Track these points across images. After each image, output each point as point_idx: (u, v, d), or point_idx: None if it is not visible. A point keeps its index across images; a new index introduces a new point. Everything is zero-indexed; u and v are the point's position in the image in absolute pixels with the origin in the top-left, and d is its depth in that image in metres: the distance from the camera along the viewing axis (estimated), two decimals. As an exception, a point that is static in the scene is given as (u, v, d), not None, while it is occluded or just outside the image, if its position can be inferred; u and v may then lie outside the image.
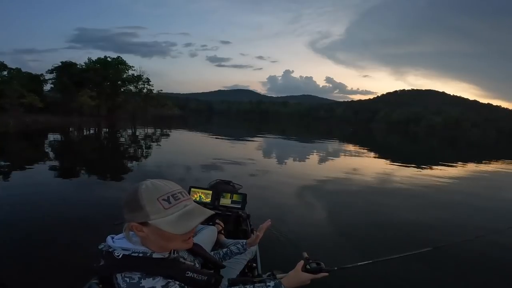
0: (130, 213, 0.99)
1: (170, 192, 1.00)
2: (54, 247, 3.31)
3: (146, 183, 1.01)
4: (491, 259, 3.73)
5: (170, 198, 0.99)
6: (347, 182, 8.40)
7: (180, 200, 1.01)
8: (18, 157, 10.05)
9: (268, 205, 5.40)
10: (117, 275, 0.99)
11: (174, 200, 1.00)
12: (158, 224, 0.96)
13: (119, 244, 1.02)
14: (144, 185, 1.00)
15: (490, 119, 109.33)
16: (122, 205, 1.01)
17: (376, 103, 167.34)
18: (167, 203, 0.98)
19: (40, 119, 25.49)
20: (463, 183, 9.69)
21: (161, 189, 1.00)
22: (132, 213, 0.99)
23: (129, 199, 1.00)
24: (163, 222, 0.96)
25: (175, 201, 0.99)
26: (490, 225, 5.18)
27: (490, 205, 6.76)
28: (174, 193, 1.01)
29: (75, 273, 2.19)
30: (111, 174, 8.16)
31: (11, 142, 15.06)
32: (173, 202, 0.99)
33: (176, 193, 1.02)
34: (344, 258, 3.52)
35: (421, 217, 5.41)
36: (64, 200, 5.25)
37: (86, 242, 1.21)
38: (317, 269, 1.33)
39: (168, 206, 0.98)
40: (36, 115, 27.08)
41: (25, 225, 3.94)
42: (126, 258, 0.99)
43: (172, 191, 1.01)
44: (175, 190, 1.02)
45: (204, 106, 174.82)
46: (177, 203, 1.00)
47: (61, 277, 2.67)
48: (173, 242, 1.03)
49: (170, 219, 0.96)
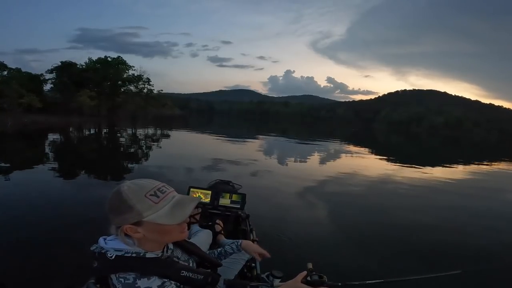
0: (119, 217, 0.98)
1: (155, 187, 1.01)
2: (54, 247, 3.33)
3: (126, 184, 1.01)
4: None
5: (157, 192, 1.00)
6: (352, 183, 8.16)
7: (166, 193, 1.02)
8: (15, 158, 9.86)
9: (268, 205, 5.35)
10: (112, 276, 0.99)
11: (161, 194, 1.00)
12: (153, 219, 0.96)
13: (112, 245, 1.01)
14: (126, 186, 1.00)
15: (492, 120, 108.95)
16: (107, 210, 1.00)
17: (378, 103, 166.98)
18: (156, 198, 0.98)
19: (38, 119, 25.20)
20: (487, 189, 8.95)
21: (145, 186, 1.00)
22: (121, 216, 0.97)
23: (114, 203, 0.99)
24: (159, 216, 0.96)
25: (162, 195, 1.00)
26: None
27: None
28: (158, 187, 1.02)
29: (74, 273, 2.19)
30: (111, 174, 8.08)
31: (8, 142, 14.82)
32: (160, 196, 0.99)
33: (160, 187, 1.02)
34: (349, 271, 3.27)
35: (445, 233, 4.75)
36: (64, 200, 5.24)
37: (85, 242, 1.15)
38: (318, 282, 1.28)
39: (157, 200, 0.98)
40: (35, 115, 26.80)
41: (24, 225, 3.95)
42: (119, 258, 0.98)
43: (156, 186, 1.01)
44: (158, 185, 1.03)
45: (205, 106, 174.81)
46: (165, 196, 1.00)
47: (60, 277, 2.69)
48: (172, 234, 1.04)
49: (164, 212, 0.97)
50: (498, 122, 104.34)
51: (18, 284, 2.67)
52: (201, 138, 21.69)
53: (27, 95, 28.73)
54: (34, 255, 3.12)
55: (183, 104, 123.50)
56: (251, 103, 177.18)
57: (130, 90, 45.49)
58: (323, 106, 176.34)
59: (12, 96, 27.25)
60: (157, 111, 48.33)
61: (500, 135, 77.22)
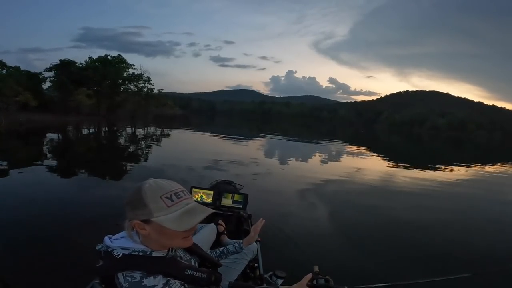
0: (133, 211, 1.00)
1: (172, 191, 1.02)
2: (57, 247, 3.33)
3: (149, 182, 1.03)
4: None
5: (172, 196, 1.01)
6: (357, 183, 8.03)
7: (182, 199, 1.03)
8: (10, 157, 9.34)
9: (270, 205, 5.32)
10: (118, 274, 1.00)
11: (177, 198, 1.02)
12: (161, 221, 0.97)
13: (118, 244, 1.03)
14: (148, 184, 1.02)
15: (495, 121, 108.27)
16: (125, 203, 1.03)
17: (380, 104, 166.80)
18: (170, 201, 1.00)
19: (34, 118, 24.73)
20: (493, 191, 8.81)
21: (164, 187, 1.02)
22: (135, 211, 1.00)
23: (133, 197, 1.01)
24: (166, 220, 0.98)
25: (177, 199, 1.02)
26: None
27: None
28: (176, 191, 1.03)
29: (78, 273, 2.16)
30: (112, 174, 7.99)
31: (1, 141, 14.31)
32: (175, 200, 1.01)
33: (178, 192, 1.04)
34: (354, 273, 3.17)
35: (453, 235, 4.64)
36: (63, 200, 5.20)
37: (89, 242, 1.18)
38: (324, 286, 1.28)
39: (171, 204, 1.00)
40: (32, 113, 26.32)
41: (27, 225, 3.93)
42: (126, 257, 1.00)
43: (174, 190, 1.03)
44: (177, 189, 1.04)
45: (206, 106, 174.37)
46: (179, 201, 1.02)
47: (64, 277, 2.67)
48: (174, 240, 1.04)
49: (173, 217, 0.98)
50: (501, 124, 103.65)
51: (21, 284, 2.64)
52: (202, 137, 21.55)
53: (23, 93, 28.22)
54: (37, 255, 3.11)
55: (185, 104, 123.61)
56: (253, 103, 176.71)
57: (130, 89, 45.05)
58: (324, 106, 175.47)
59: (7, 94, 26.73)
60: (158, 111, 47.95)
61: (503, 136, 76.39)
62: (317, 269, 1.35)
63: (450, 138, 54.82)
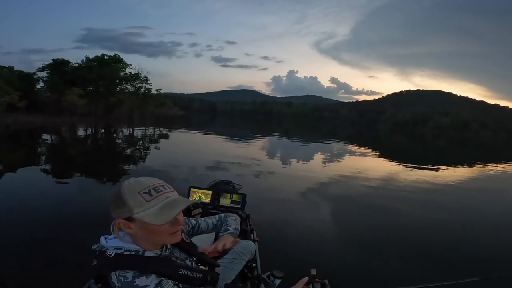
0: (115, 210, 1.00)
1: (151, 186, 1.01)
2: (54, 247, 3.32)
3: (129, 180, 1.02)
4: None
5: (151, 191, 0.99)
6: (359, 184, 7.87)
7: (162, 193, 1.01)
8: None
9: (270, 205, 5.29)
10: (112, 274, 0.99)
11: (156, 193, 1.00)
12: (141, 217, 0.96)
13: (112, 244, 1.03)
14: (127, 182, 1.01)
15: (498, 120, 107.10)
16: (109, 204, 1.02)
17: (382, 104, 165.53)
18: (148, 196, 0.98)
19: (23, 119, 23.71)
20: (502, 192, 8.62)
21: (143, 183, 1.01)
22: (116, 210, 0.99)
23: (114, 196, 1.00)
24: (146, 215, 0.96)
25: (156, 194, 1.00)
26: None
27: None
28: (155, 186, 1.01)
29: (75, 273, 2.05)
30: (110, 175, 7.87)
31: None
32: (154, 194, 0.99)
33: (157, 187, 1.02)
34: (354, 277, 3.09)
35: (459, 237, 4.49)
36: (62, 200, 5.21)
37: (86, 242, 1.19)
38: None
39: (149, 198, 0.98)
40: (22, 115, 25.35)
41: (25, 225, 3.93)
42: (118, 256, 1.00)
43: (153, 185, 1.01)
44: (156, 184, 1.02)
45: (207, 106, 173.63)
46: (159, 195, 1.00)
47: (61, 276, 2.68)
48: (161, 236, 1.02)
49: (153, 211, 0.97)
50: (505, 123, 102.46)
51: (19, 284, 2.63)
52: (202, 138, 21.45)
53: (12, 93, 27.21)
54: (35, 255, 3.13)
55: (186, 104, 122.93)
56: (254, 103, 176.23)
57: (127, 89, 44.10)
58: (326, 106, 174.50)
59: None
60: (157, 111, 47.02)
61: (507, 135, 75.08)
62: (314, 272, 1.33)
63: (454, 137, 53.85)
